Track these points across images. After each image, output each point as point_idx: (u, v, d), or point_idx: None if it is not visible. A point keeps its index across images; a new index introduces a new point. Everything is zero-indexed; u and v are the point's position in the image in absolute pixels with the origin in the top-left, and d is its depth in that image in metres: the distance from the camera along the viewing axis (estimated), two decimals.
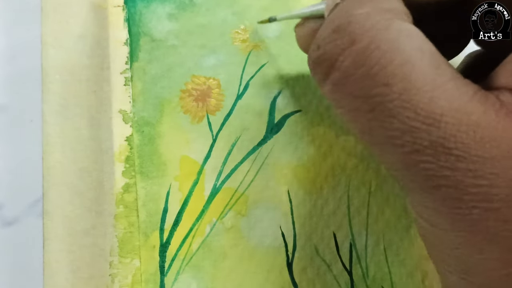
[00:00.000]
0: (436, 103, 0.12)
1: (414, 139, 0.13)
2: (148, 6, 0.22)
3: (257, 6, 0.23)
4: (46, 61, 0.22)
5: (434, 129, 0.12)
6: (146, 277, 0.19)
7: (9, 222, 0.22)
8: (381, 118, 0.13)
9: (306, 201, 0.21)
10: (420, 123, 0.13)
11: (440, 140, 0.12)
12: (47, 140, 0.21)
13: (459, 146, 0.12)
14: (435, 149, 0.12)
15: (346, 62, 0.14)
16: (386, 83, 0.13)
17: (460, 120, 0.12)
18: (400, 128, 0.13)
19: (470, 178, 0.12)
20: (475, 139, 0.12)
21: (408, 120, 0.13)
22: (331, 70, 0.15)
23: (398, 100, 0.13)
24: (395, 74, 0.13)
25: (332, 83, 0.15)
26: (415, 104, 0.13)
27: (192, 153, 0.21)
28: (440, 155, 0.12)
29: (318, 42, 0.15)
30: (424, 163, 0.13)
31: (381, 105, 0.13)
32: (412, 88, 0.13)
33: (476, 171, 0.12)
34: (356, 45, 0.14)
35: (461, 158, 0.12)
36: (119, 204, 0.20)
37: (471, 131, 0.12)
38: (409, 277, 0.21)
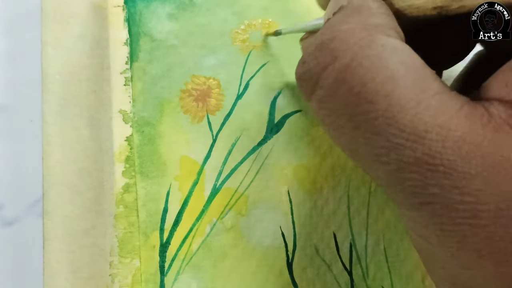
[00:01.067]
0: (420, 119, 0.12)
1: (399, 156, 0.13)
2: (148, 6, 0.22)
3: (257, 6, 0.23)
4: (46, 61, 0.22)
5: (419, 146, 0.12)
6: (146, 277, 0.19)
7: (9, 222, 0.22)
8: (366, 135, 0.13)
9: (306, 201, 0.21)
10: (404, 140, 0.12)
11: (425, 157, 0.12)
12: (47, 140, 0.21)
13: (444, 162, 0.12)
14: (421, 166, 0.12)
15: (329, 80, 0.14)
16: (369, 101, 0.13)
17: (445, 137, 0.12)
18: (385, 145, 0.13)
19: (457, 195, 0.12)
20: (460, 155, 0.12)
21: (392, 137, 0.13)
22: (315, 87, 0.15)
23: (382, 118, 0.13)
24: (378, 91, 0.13)
25: (317, 100, 0.15)
26: (399, 121, 0.12)
27: (192, 153, 0.21)
28: (425, 172, 0.12)
29: (304, 58, 0.15)
30: (410, 180, 0.13)
31: (366, 123, 0.13)
32: (396, 105, 0.13)
33: (463, 187, 0.12)
34: (338, 62, 0.14)
35: (447, 175, 0.12)
36: (119, 204, 0.20)
37: (457, 148, 0.12)
38: (409, 277, 0.21)
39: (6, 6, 0.25)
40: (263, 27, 0.23)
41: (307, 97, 0.15)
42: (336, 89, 0.14)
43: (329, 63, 0.14)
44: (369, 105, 0.13)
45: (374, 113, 0.13)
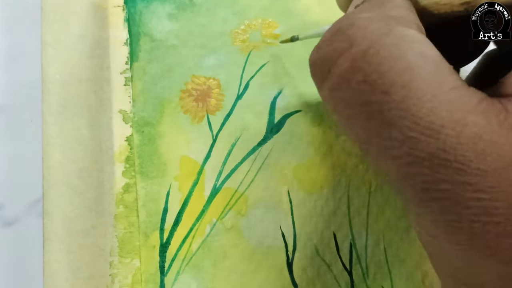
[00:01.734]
0: (436, 113, 0.12)
1: (412, 150, 0.12)
2: (148, 6, 0.22)
3: (257, 6, 0.23)
4: (46, 61, 0.22)
5: (434, 140, 0.12)
6: (146, 277, 0.19)
7: (9, 222, 0.22)
8: (379, 127, 0.13)
9: (306, 201, 0.21)
10: (419, 134, 0.12)
11: (439, 152, 0.12)
12: (47, 140, 0.21)
13: (459, 158, 0.12)
14: (434, 161, 0.12)
15: (344, 66, 0.13)
16: (384, 91, 0.13)
17: (460, 132, 0.12)
18: (398, 138, 0.13)
19: (470, 192, 0.12)
20: (476, 151, 0.12)
21: (406, 130, 0.12)
22: (329, 74, 0.14)
23: (397, 109, 0.12)
24: (395, 82, 0.12)
25: (329, 87, 0.14)
26: (415, 114, 0.12)
27: (192, 153, 0.21)
28: (438, 167, 0.12)
29: (319, 44, 0.15)
30: (421, 175, 0.12)
31: (379, 114, 0.13)
32: (412, 97, 0.12)
33: (476, 184, 0.12)
34: (354, 49, 0.13)
35: (461, 171, 0.12)
36: (119, 204, 0.20)
37: (472, 144, 0.12)
38: (409, 277, 0.21)
39: (6, 6, 0.25)
40: (263, 27, 0.23)
41: (319, 83, 0.15)
42: (350, 77, 0.13)
43: (345, 49, 0.13)
44: (384, 95, 0.13)
45: (389, 104, 0.13)
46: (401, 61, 0.13)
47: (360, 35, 0.13)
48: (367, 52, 0.13)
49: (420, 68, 0.13)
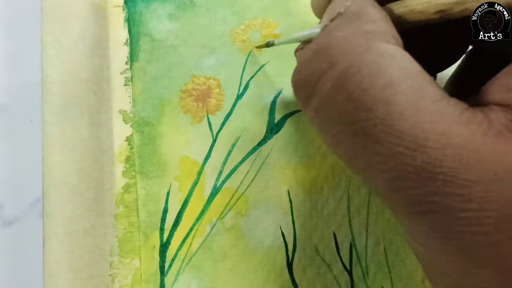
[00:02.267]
0: (420, 127, 0.12)
1: (398, 165, 0.12)
2: (148, 6, 0.22)
3: (257, 6, 0.23)
4: (46, 61, 0.22)
5: (419, 154, 0.12)
6: (146, 277, 0.19)
7: (9, 222, 0.22)
8: (365, 143, 0.13)
9: (306, 201, 0.21)
10: (404, 148, 0.12)
11: (425, 165, 0.12)
12: (47, 140, 0.21)
13: (445, 170, 0.12)
14: (421, 175, 0.12)
15: (326, 87, 0.14)
16: (368, 108, 0.13)
17: (445, 144, 0.12)
18: (384, 153, 0.13)
19: (459, 202, 0.12)
20: (461, 162, 0.12)
21: (392, 145, 0.12)
22: (312, 94, 0.14)
23: (381, 125, 0.12)
24: (377, 98, 0.13)
25: (314, 108, 0.14)
26: (398, 128, 0.12)
27: (192, 153, 0.21)
28: (426, 180, 0.12)
29: (300, 65, 0.15)
30: (410, 189, 0.12)
31: (364, 131, 0.13)
32: (395, 112, 0.12)
33: (464, 195, 0.12)
34: (336, 69, 0.13)
35: (448, 183, 0.12)
36: (119, 204, 0.20)
37: (457, 155, 0.12)
38: (409, 277, 0.21)
39: (6, 6, 0.25)
40: (263, 27, 0.23)
41: (303, 105, 0.15)
42: (333, 96, 0.13)
43: (326, 70, 0.14)
44: (368, 112, 0.13)
45: (372, 121, 0.13)
46: (382, 78, 0.13)
47: (340, 54, 0.13)
48: (348, 71, 0.13)
49: (401, 83, 0.13)
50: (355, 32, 0.14)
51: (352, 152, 0.14)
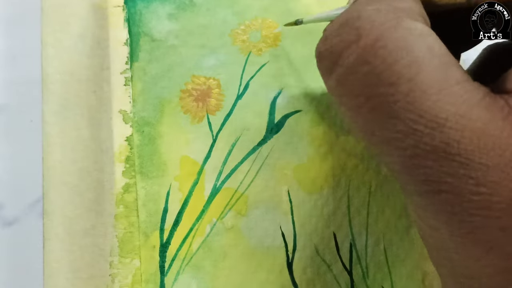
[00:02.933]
0: (441, 107, 0.12)
1: (416, 142, 0.12)
2: (148, 6, 0.22)
3: (257, 6, 0.23)
4: (46, 61, 0.22)
5: (438, 133, 0.12)
6: (146, 277, 0.19)
7: (9, 222, 0.22)
8: (384, 118, 0.13)
9: (306, 201, 0.21)
10: (423, 127, 0.12)
11: (442, 145, 0.12)
12: (47, 140, 0.21)
13: (462, 152, 0.12)
14: (438, 154, 0.12)
15: (351, 58, 0.14)
16: (391, 83, 0.13)
17: (464, 126, 0.12)
18: (403, 130, 0.13)
19: (472, 185, 0.12)
20: (479, 146, 0.12)
21: (411, 122, 0.12)
22: (336, 65, 0.14)
23: (403, 102, 0.13)
24: (401, 74, 0.13)
25: (336, 78, 0.14)
26: (420, 106, 0.12)
27: (192, 153, 0.21)
28: (442, 160, 0.12)
29: (326, 34, 0.15)
30: (425, 167, 0.12)
31: (385, 105, 0.13)
32: (418, 90, 0.12)
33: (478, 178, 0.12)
34: (362, 41, 0.13)
35: (464, 165, 0.12)
36: (119, 204, 0.20)
37: (476, 138, 0.12)
38: (409, 277, 0.21)
39: (6, 6, 0.25)
40: (263, 27, 0.23)
41: (326, 75, 0.15)
42: (357, 68, 0.13)
43: (352, 41, 0.14)
44: (390, 88, 0.13)
45: (394, 96, 0.13)
46: (408, 55, 0.13)
47: (368, 28, 0.13)
48: (375, 45, 0.13)
49: (426, 62, 0.13)
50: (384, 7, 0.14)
51: (370, 126, 0.14)
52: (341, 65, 0.14)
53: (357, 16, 0.14)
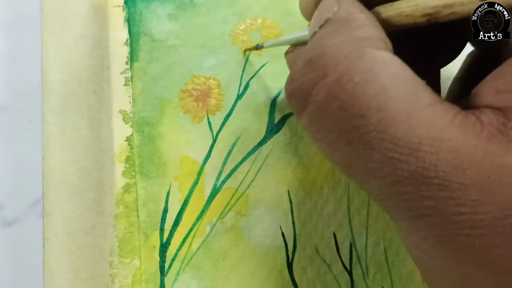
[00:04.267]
0: (413, 132, 0.12)
1: (394, 170, 0.12)
2: (148, 6, 0.22)
3: (257, 6, 0.23)
4: (46, 61, 0.22)
5: (413, 159, 0.12)
6: (146, 277, 0.19)
7: (9, 222, 0.22)
8: (360, 150, 0.13)
9: (306, 201, 0.21)
10: (398, 154, 0.12)
11: (419, 169, 0.12)
12: (47, 140, 0.21)
13: (439, 174, 0.12)
14: (415, 179, 0.12)
15: (319, 96, 0.14)
16: (361, 115, 0.13)
17: (439, 148, 0.12)
18: (379, 159, 0.13)
19: (453, 206, 0.12)
20: (455, 166, 0.12)
21: (386, 151, 0.12)
22: (306, 103, 0.14)
23: (375, 132, 0.13)
24: (370, 105, 0.13)
25: (308, 117, 0.14)
26: (392, 134, 0.12)
27: (192, 153, 0.21)
28: (420, 185, 0.12)
29: (292, 74, 0.15)
30: (406, 193, 0.12)
31: (359, 138, 0.13)
32: (388, 118, 0.12)
33: (458, 199, 0.12)
34: (329, 77, 0.13)
35: (442, 187, 0.12)
36: (119, 204, 0.20)
37: (451, 158, 0.12)
38: (409, 277, 0.21)
39: (6, 7, 0.25)
40: (263, 27, 0.23)
41: (298, 113, 0.15)
42: (327, 105, 0.14)
43: (319, 79, 0.14)
44: (361, 120, 0.13)
45: (366, 128, 0.13)
46: (375, 85, 0.13)
47: (333, 63, 0.13)
48: (341, 79, 0.13)
49: (393, 89, 0.13)
50: (345, 39, 0.14)
51: (347, 159, 0.14)
52: (311, 103, 0.14)
53: (321, 53, 0.14)
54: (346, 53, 0.13)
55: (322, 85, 0.14)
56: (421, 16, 0.14)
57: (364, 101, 0.13)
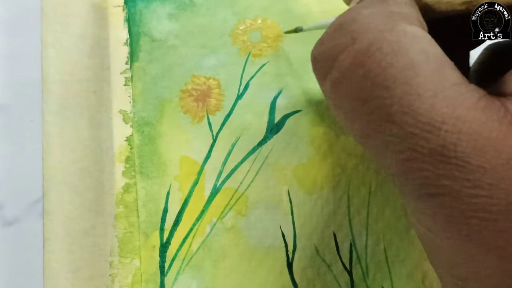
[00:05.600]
0: (437, 110, 0.12)
1: (412, 146, 0.12)
2: (148, 6, 0.22)
3: (257, 6, 0.23)
4: (46, 61, 0.22)
5: (434, 136, 0.12)
6: (146, 277, 0.19)
7: (9, 222, 0.22)
8: (380, 122, 0.13)
9: (306, 201, 0.21)
10: (419, 130, 0.12)
11: (439, 148, 0.12)
12: (47, 140, 0.21)
13: (458, 155, 0.12)
14: (434, 157, 0.12)
15: (346, 62, 0.14)
16: (386, 87, 0.13)
17: (461, 129, 0.12)
18: (399, 134, 0.13)
19: (469, 188, 0.12)
20: (475, 148, 0.12)
21: (407, 126, 0.12)
22: (331, 69, 0.14)
23: (398, 105, 0.12)
24: (396, 78, 0.13)
25: (331, 82, 0.14)
26: (415, 110, 0.12)
27: (192, 153, 0.21)
28: (438, 163, 0.12)
29: (322, 38, 0.15)
30: (422, 171, 0.12)
31: (380, 109, 0.13)
32: (413, 93, 0.12)
33: (475, 181, 0.12)
34: (357, 44, 0.13)
35: (460, 168, 0.12)
36: (119, 204, 0.20)
37: (472, 140, 0.12)
38: (409, 277, 0.21)
39: (6, 6, 0.25)
40: (263, 27, 0.23)
41: (321, 78, 0.15)
42: (352, 72, 0.13)
43: (347, 45, 0.14)
44: (386, 91, 0.13)
45: (390, 100, 0.13)
46: (403, 58, 0.13)
47: (363, 31, 0.13)
48: (369, 48, 0.13)
49: (421, 65, 0.13)
50: (380, 11, 0.14)
51: (366, 130, 0.14)
52: (336, 69, 0.14)
53: (351, 20, 0.14)
54: (377, 23, 0.13)
55: (349, 51, 0.13)
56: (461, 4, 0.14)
57: (391, 73, 0.13)
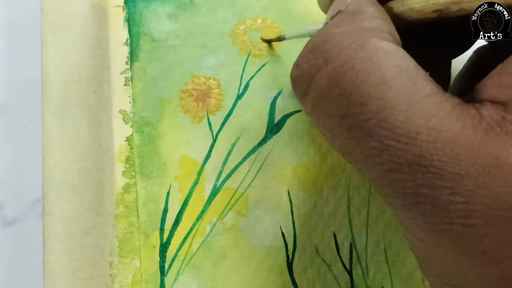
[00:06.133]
0: (411, 121, 0.12)
1: (391, 157, 0.13)
2: (148, 6, 0.22)
3: (257, 6, 0.23)
4: (46, 61, 0.22)
5: (410, 147, 0.12)
6: (146, 277, 0.19)
7: (9, 222, 0.22)
8: (359, 137, 0.13)
9: (306, 201, 0.21)
10: (396, 142, 0.13)
11: (416, 158, 0.12)
12: (47, 140, 0.21)
13: (435, 163, 0.12)
14: (412, 167, 0.12)
15: (322, 82, 0.14)
16: (361, 103, 0.13)
17: (436, 138, 0.12)
18: (377, 147, 0.13)
19: (447, 195, 0.12)
20: (451, 156, 0.12)
21: (384, 139, 0.13)
22: (309, 89, 0.15)
23: (374, 120, 0.13)
24: (370, 94, 0.13)
25: (311, 102, 0.15)
26: (391, 122, 0.13)
27: (192, 153, 0.21)
28: (417, 173, 0.12)
29: (298, 60, 0.15)
30: (402, 181, 0.13)
31: (358, 125, 0.13)
32: (388, 107, 0.13)
33: (453, 188, 0.12)
34: (330, 65, 0.14)
35: (438, 176, 0.12)
36: (119, 204, 0.20)
37: (448, 149, 0.12)
38: (409, 277, 0.21)
39: (6, 7, 0.25)
40: (263, 27, 0.23)
41: (301, 98, 0.16)
42: (328, 91, 0.14)
43: (321, 66, 0.14)
44: (361, 107, 0.13)
45: (366, 115, 0.13)
46: (376, 74, 0.13)
47: (335, 51, 0.14)
48: (342, 67, 0.13)
49: (394, 79, 0.13)
50: (351, 29, 0.14)
51: (348, 145, 0.14)
52: (314, 88, 0.14)
53: (324, 41, 0.14)
54: (349, 42, 0.14)
55: (324, 71, 0.14)
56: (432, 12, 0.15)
57: (364, 90, 0.13)
